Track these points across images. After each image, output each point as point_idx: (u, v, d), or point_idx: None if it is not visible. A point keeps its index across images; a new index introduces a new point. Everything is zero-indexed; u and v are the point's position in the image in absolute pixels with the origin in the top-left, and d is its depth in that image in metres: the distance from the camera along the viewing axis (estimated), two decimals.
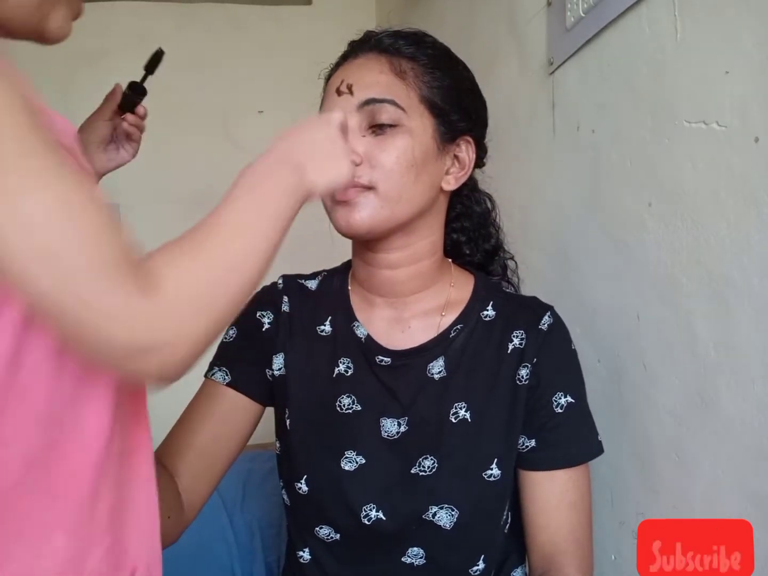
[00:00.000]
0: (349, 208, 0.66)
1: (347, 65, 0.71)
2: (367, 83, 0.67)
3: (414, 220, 0.69)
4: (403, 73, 0.68)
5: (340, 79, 0.69)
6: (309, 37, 1.81)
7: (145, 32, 1.81)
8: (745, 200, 0.59)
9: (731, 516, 0.61)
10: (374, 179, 0.65)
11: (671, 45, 0.67)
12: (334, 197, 0.67)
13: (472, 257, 0.82)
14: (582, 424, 0.72)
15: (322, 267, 0.84)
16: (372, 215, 0.66)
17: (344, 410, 0.72)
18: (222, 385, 0.75)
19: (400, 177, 0.66)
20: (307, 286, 0.80)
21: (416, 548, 0.69)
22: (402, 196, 0.66)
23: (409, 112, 0.67)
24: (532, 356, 0.70)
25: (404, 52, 0.69)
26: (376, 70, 0.68)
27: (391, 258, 0.71)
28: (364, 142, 0.66)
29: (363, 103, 0.66)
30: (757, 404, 0.58)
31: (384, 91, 0.66)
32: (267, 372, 0.76)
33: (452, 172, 0.72)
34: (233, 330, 0.79)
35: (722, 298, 0.62)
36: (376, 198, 0.66)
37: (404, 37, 0.71)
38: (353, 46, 0.72)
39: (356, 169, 0.65)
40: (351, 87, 0.67)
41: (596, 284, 0.84)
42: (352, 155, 0.64)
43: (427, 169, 0.68)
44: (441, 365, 0.71)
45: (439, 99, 0.69)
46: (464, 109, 0.72)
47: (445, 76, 0.70)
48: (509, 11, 1.09)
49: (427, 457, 0.69)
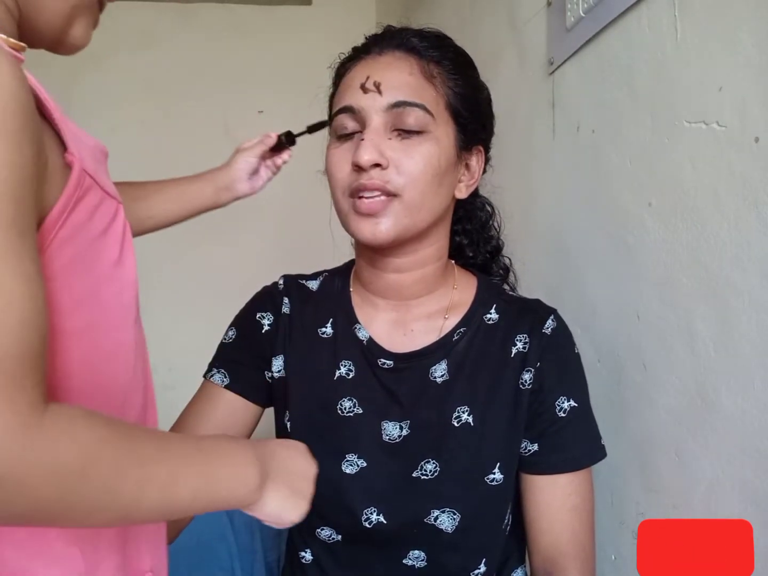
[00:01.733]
0: (375, 220, 0.65)
1: (371, 61, 0.68)
2: (397, 84, 0.65)
3: (428, 228, 0.68)
4: (432, 77, 0.66)
5: (365, 75, 0.66)
6: (309, 37, 1.81)
7: (145, 32, 1.81)
8: (745, 200, 0.58)
9: (731, 516, 0.61)
10: (400, 186, 0.64)
11: (671, 45, 0.67)
12: (357, 208, 0.65)
13: (474, 259, 0.82)
14: (585, 429, 0.71)
15: (323, 266, 0.84)
16: (396, 225, 0.65)
17: (345, 413, 0.71)
18: (220, 387, 0.74)
19: (425, 185, 0.65)
20: (308, 287, 0.80)
21: (417, 550, 0.68)
22: (424, 204, 0.66)
23: (437, 119, 0.66)
24: (535, 360, 0.70)
25: (431, 54, 0.67)
26: (405, 71, 0.66)
27: (399, 262, 0.70)
28: (390, 145, 0.65)
29: (392, 105, 0.64)
30: (757, 404, 0.58)
31: (414, 95, 0.65)
32: (266, 374, 0.76)
33: (463, 181, 0.72)
34: (233, 331, 0.78)
35: (722, 298, 0.62)
36: (401, 206, 0.65)
37: (429, 38, 0.69)
38: (375, 40, 0.70)
39: (383, 173, 0.64)
40: (379, 86, 0.65)
41: (596, 284, 0.84)
42: (380, 159, 0.63)
43: (447, 177, 0.68)
44: (443, 369, 0.71)
45: (461, 106, 0.68)
46: (481, 119, 0.71)
47: (467, 84, 0.69)
48: (509, 11, 1.09)
49: (428, 461, 0.68)
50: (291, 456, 0.50)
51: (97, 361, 0.42)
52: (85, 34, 0.47)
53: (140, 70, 1.82)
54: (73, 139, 0.40)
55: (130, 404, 0.46)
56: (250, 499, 0.44)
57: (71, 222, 0.39)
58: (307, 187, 0.77)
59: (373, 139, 0.64)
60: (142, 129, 1.76)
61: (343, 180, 0.67)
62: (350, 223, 0.67)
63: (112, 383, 0.44)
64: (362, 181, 0.64)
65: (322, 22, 1.85)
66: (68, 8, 0.44)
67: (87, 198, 0.40)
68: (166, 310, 1.73)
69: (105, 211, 0.43)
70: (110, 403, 0.43)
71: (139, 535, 0.47)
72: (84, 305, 0.41)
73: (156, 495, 0.37)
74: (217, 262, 1.83)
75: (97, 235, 0.42)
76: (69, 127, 0.41)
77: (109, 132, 1.50)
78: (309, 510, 0.47)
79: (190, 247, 1.85)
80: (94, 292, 0.42)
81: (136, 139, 1.68)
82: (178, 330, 1.79)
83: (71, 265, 0.40)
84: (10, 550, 0.39)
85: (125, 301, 0.45)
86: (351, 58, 0.71)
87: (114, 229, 0.44)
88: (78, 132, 0.43)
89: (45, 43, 0.46)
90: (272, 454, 0.47)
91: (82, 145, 0.41)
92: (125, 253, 0.45)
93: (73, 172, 0.39)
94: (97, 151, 0.45)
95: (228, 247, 1.83)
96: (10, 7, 0.41)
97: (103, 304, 0.43)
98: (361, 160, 0.63)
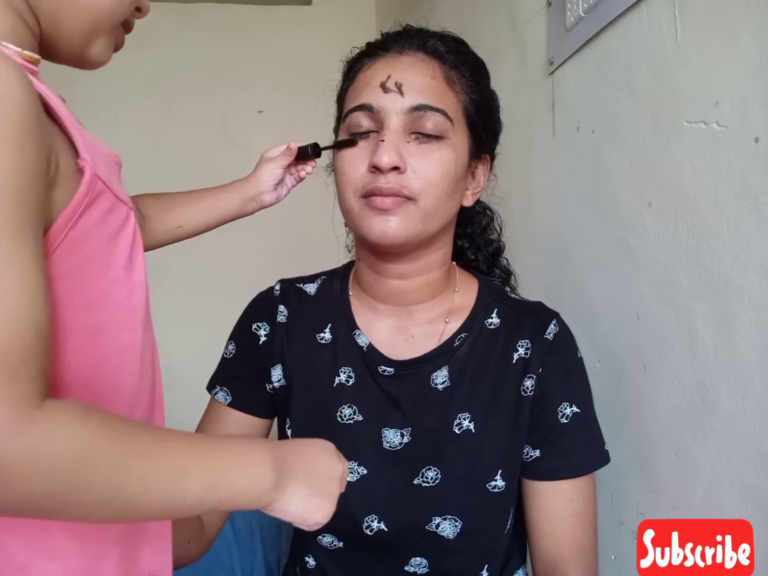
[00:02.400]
0: (386, 218, 0.63)
1: (391, 60, 0.66)
2: (419, 87, 0.64)
3: (436, 235, 0.68)
4: (453, 83, 0.65)
5: (386, 74, 0.65)
6: (309, 37, 1.81)
7: (145, 32, 1.81)
8: (745, 200, 0.58)
9: (731, 516, 0.61)
10: (416, 191, 0.63)
11: (671, 45, 0.67)
12: (371, 203, 0.63)
13: (476, 262, 0.81)
14: (588, 434, 0.71)
15: (326, 268, 0.83)
16: (409, 227, 0.63)
17: (345, 420, 0.71)
18: (225, 406, 0.75)
19: (441, 191, 0.64)
20: (306, 291, 0.78)
21: (419, 558, 0.68)
22: (438, 210, 0.65)
23: (455, 125, 0.65)
24: (537, 367, 0.69)
25: (451, 60, 0.66)
26: (428, 75, 0.65)
27: (403, 268, 0.69)
28: (408, 149, 0.63)
29: (414, 108, 0.63)
30: (757, 404, 0.58)
31: (436, 99, 0.64)
32: (267, 386, 0.76)
33: (470, 189, 0.71)
34: (232, 345, 0.78)
35: (722, 298, 0.62)
36: (416, 210, 0.63)
37: (449, 42, 0.68)
38: (395, 39, 0.68)
39: (400, 177, 0.62)
40: (401, 86, 0.63)
41: (596, 284, 0.84)
42: (400, 162, 0.62)
43: (460, 185, 0.67)
44: (445, 375, 0.70)
45: (476, 115, 0.67)
46: (492, 128, 0.71)
47: (482, 92, 0.68)
48: (509, 11, 1.09)
49: (430, 468, 0.68)
50: (314, 455, 0.48)
51: (106, 361, 0.43)
52: (104, 52, 0.48)
53: (140, 70, 1.82)
54: (86, 147, 0.41)
55: (138, 404, 0.47)
56: (264, 499, 0.42)
57: (82, 223, 0.40)
58: (311, 187, 0.77)
59: (394, 142, 0.63)
60: (142, 128, 1.76)
61: (356, 180, 0.65)
62: (362, 221, 0.65)
63: (119, 383, 0.44)
64: (378, 184, 0.62)
65: (322, 22, 1.85)
66: (87, 27, 0.45)
67: (99, 201, 0.42)
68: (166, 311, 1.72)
69: (116, 216, 0.44)
70: (118, 403, 0.44)
71: (144, 537, 0.47)
72: (94, 306, 0.42)
73: (161, 490, 0.36)
74: (217, 263, 1.82)
75: (108, 238, 0.43)
76: (84, 135, 0.42)
77: (109, 131, 1.50)
78: None
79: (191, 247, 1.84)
80: (105, 293, 0.43)
81: (136, 139, 1.68)
82: (177, 330, 1.79)
83: (82, 266, 0.41)
84: (15, 546, 0.40)
85: (135, 303, 0.46)
86: (368, 54, 0.69)
87: (125, 234, 0.45)
88: (93, 141, 0.44)
89: (66, 59, 0.48)
90: (293, 453, 0.46)
91: (96, 153, 0.43)
92: (135, 258, 0.46)
93: (84, 176, 0.40)
94: (110, 160, 0.47)
95: (229, 247, 1.83)
96: (30, 23, 0.43)
97: (113, 305, 0.44)
98: (381, 161, 0.61)
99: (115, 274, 0.44)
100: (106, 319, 0.43)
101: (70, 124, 0.41)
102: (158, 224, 0.67)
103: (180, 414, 0.84)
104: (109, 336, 0.44)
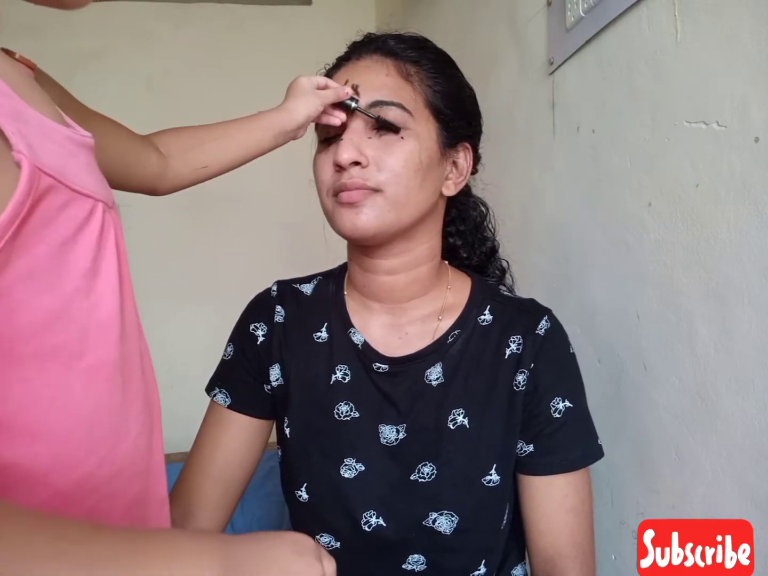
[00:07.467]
0: (355, 210, 0.65)
1: (350, 66, 0.71)
2: (375, 85, 0.67)
3: (415, 225, 0.69)
4: (410, 76, 0.68)
5: (344, 79, 0.69)
6: (309, 37, 1.81)
7: (144, 32, 1.82)
8: (745, 200, 0.59)
9: (731, 516, 0.61)
10: (381, 182, 0.65)
11: (671, 45, 0.67)
12: (339, 199, 0.66)
13: (469, 260, 0.82)
14: (581, 429, 0.71)
15: (315, 270, 0.83)
16: (379, 218, 0.65)
17: (342, 417, 0.71)
18: (225, 408, 0.76)
19: (408, 181, 0.66)
20: (302, 291, 0.80)
21: (417, 555, 0.68)
22: (409, 200, 0.66)
23: (416, 116, 0.67)
24: (528, 362, 0.70)
25: (409, 55, 0.69)
26: (382, 73, 0.68)
27: (390, 264, 0.71)
28: (370, 144, 0.66)
29: (370, 105, 0.66)
30: (757, 404, 0.58)
31: (391, 94, 0.66)
32: (265, 387, 0.76)
33: (451, 178, 0.72)
34: (230, 347, 0.79)
35: (722, 298, 0.62)
36: (384, 201, 0.65)
37: (407, 40, 0.71)
38: (355, 47, 0.72)
39: (363, 171, 0.65)
40: (357, 88, 0.67)
41: (596, 284, 0.84)
42: (359, 157, 0.64)
43: (431, 174, 0.68)
44: (439, 372, 0.71)
45: (442, 104, 0.69)
46: (465, 116, 0.72)
47: (448, 82, 0.70)
48: (509, 11, 1.09)
49: (426, 464, 0.68)
50: (280, 556, 0.39)
51: (66, 390, 0.36)
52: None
53: (140, 69, 1.82)
54: (24, 134, 0.33)
55: (124, 428, 0.41)
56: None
57: (26, 231, 0.33)
58: (308, 190, 0.77)
59: (352, 139, 0.66)
60: (142, 128, 1.76)
61: (326, 181, 0.68)
62: (335, 217, 0.68)
63: (91, 410, 0.38)
64: (343, 180, 0.65)
65: (322, 22, 1.85)
66: None
67: (45, 202, 0.34)
68: (164, 311, 1.73)
69: (73, 215, 0.37)
70: (90, 432, 0.38)
71: None
72: (49, 326, 0.35)
73: None
74: (216, 263, 1.83)
75: (62, 242, 0.35)
76: (25, 118, 0.34)
77: None
78: (309, 512, 0.43)
79: (189, 247, 1.85)
80: (63, 310, 0.36)
81: None
82: (176, 330, 1.79)
83: (26, 281, 0.33)
84: None
85: (101, 316, 0.38)
86: (335, 66, 0.74)
87: (87, 234, 0.38)
88: (43, 123, 0.36)
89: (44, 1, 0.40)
90: (248, 552, 0.37)
91: (43, 139, 0.35)
92: (101, 261, 0.39)
93: (22, 174, 0.32)
94: (69, 142, 0.38)
95: (227, 248, 1.83)
96: None
97: (75, 322, 0.36)
98: (340, 158, 0.65)
99: (73, 285, 0.36)
100: (65, 340, 0.36)
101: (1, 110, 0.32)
102: (181, 165, 0.62)
103: (180, 414, 0.84)
104: (67, 359, 0.36)
